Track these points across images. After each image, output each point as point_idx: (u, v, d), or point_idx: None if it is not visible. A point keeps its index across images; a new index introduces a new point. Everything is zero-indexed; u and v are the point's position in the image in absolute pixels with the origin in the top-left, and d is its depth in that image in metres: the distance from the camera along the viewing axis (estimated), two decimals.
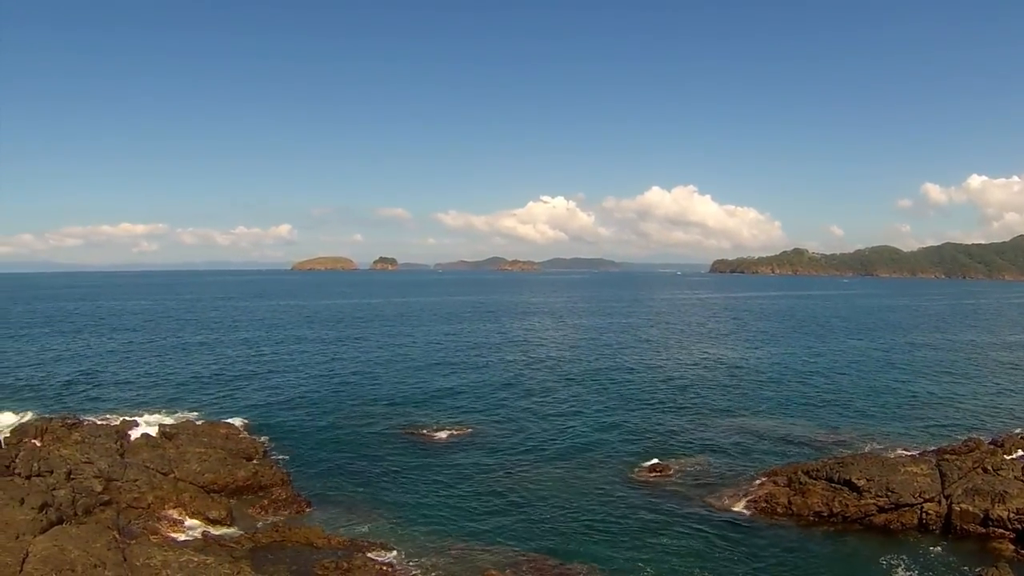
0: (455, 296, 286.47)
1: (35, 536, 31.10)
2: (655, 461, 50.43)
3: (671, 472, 48.43)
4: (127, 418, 60.44)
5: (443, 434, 57.39)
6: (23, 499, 35.10)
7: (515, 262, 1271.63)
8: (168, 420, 59.63)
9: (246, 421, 61.12)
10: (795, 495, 42.46)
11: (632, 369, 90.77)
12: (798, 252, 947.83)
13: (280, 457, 51.52)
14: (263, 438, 56.04)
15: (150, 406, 66.88)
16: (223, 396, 72.49)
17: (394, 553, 35.04)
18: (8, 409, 63.52)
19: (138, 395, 73.15)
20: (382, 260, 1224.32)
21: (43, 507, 34.65)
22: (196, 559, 30.19)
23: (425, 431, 58.32)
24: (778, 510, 41.69)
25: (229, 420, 60.59)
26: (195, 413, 63.45)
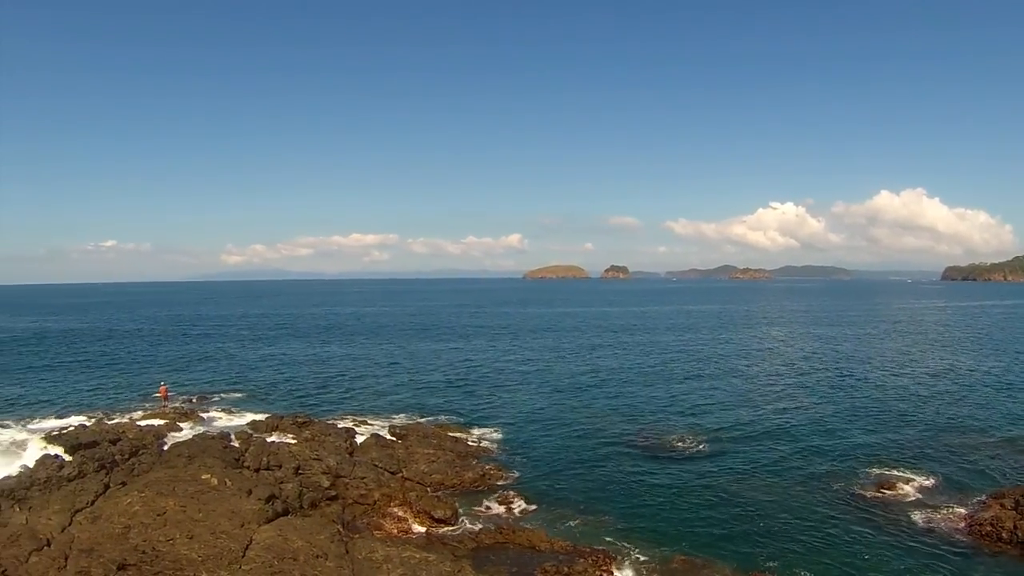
0: (690, 305, 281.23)
1: (259, 525, 32.25)
2: (882, 477, 47.32)
3: (896, 489, 45.18)
4: (358, 418, 62.60)
5: (672, 444, 55.31)
6: (251, 490, 36.75)
7: (746, 270, 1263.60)
8: (399, 422, 61.11)
9: (476, 425, 61.61)
10: (1021, 519, 37.95)
11: (866, 380, 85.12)
12: None
13: (508, 460, 51.12)
14: (492, 441, 56.22)
15: (381, 409, 69.27)
16: (454, 400, 73.87)
17: (616, 561, 33.85)
18: (247, 409, 67.70)
19: (370, 397, 76.10)
20: (613, 268, 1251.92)
21: (270, 499, 36.01)
22: (418, 556, 30.12)
23: (654, 440, 56.44)
24: (1003, 535, 37.74)
25: (459, 423, 61.35)
26: (426, 417, 64.64)
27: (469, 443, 54.75)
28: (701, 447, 54.68)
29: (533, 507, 41.89)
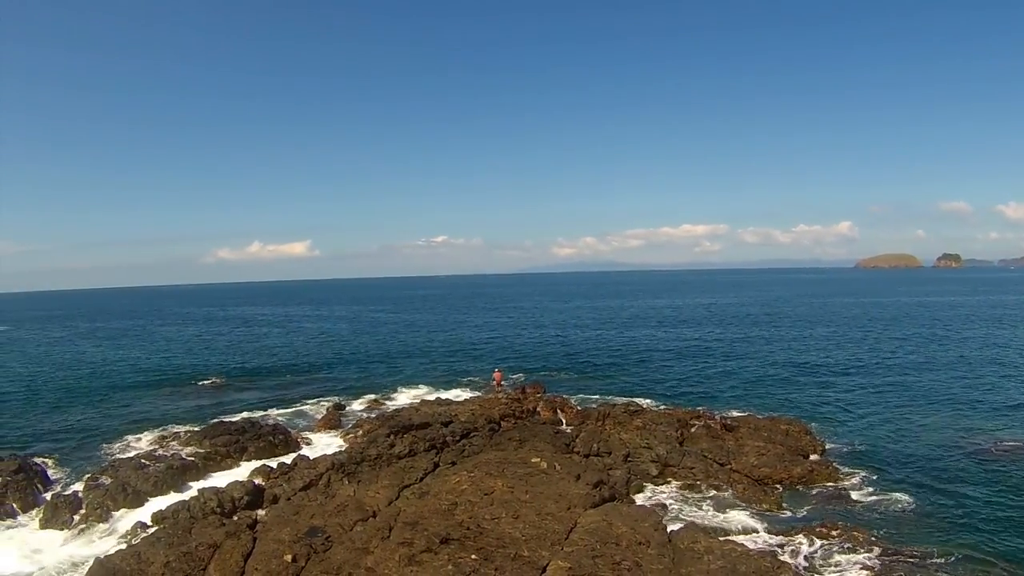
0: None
1: (585, 509, 33.77)
2: None
3: None
4: (689, 407, 62.92)
5: (1006, 446, 50.88)
6: (579, 475, 38.64)
7: None
8: (732, 413, 60.85)
9: (810, 419, 59.84)
10: None
11: None
12: None
13: (839, 458, 49.36)
14: (825, 437, 54.42)
15: (714, 398, 70.02)
16: (789, 392, 72.56)
17: (937, 566, 32.20)
18: (579, 395, 71.32)
19: (703, 387, 76.85)
20: (946, 257, 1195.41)
21: (597, 484, 37.60)
22: (739, 548, 30.27)
23: (989, 440, 52.37)
24: None
25: (793, 416, 59.86)
26: (760, 409, 64.14)
27: (801, 437, 53.24)
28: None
29: (859, 507, 40.48)
